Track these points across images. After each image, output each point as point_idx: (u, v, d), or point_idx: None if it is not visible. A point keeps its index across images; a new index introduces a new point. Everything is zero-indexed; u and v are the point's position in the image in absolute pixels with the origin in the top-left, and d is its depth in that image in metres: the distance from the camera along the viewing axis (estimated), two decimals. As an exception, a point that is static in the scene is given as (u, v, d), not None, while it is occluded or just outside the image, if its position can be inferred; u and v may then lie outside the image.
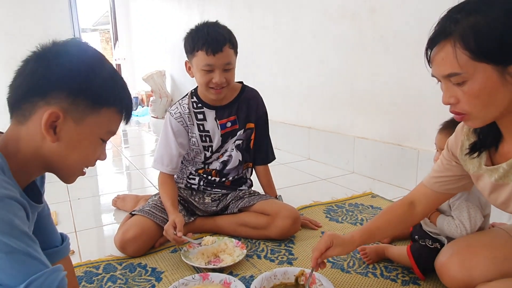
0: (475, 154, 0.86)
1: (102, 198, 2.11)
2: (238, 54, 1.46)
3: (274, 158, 1.67)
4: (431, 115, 1.87)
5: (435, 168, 1.01)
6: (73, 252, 1.41)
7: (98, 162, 0.79)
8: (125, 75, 8.09)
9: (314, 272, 1.08)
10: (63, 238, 0.89)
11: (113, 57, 8.03)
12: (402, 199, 1.07)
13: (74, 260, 1.34)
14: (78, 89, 0.69)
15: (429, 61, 0.78)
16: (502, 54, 0.69)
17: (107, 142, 0.79)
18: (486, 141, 0.84)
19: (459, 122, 1.09)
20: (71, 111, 0.68)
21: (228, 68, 1.40)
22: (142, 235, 1.35)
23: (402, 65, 1.99)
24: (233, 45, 1.41)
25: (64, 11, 3.31)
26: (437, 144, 1.22)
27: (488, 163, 0.84)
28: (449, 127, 1.17)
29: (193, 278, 1.12)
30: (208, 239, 1.34)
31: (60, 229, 1.64)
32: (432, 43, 0.76)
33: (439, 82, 0.79)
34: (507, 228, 1.02)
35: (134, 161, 3.04)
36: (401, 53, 1.99)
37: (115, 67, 0.80)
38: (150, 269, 1.26)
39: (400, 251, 1.21)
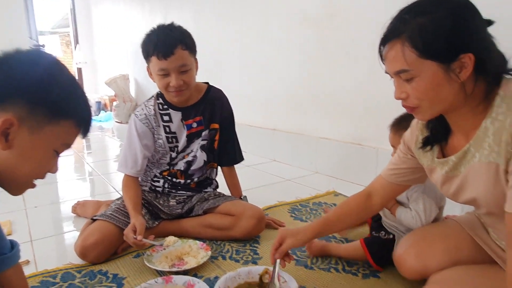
0: (428, 148, 0.91)
1: (62, 205, 2.03)
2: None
3: (242, 159, 1.67)
4: (388, 116, 1.93)
5: (392, 161, 1.05)
6: (28, 262, 1.34)
7: (59, 168, 0.77)
8: (87, 79, 7.85)
9: (278, 270, 1.10)
10: (13, 245, 0.84)
11: (74, 60, 7.77)
12: (360, 192, 1.11)
13: (30, 270, 1.29)
14: (38, 98, 0.67)
15: (382, 59, 0.83)
16: (447, 52, 0.73)
17: (65, 151, 0.77)
18: (437, 135, 0.89)
19: (405, 120, 1.16)
20: (28, 120, 0.67)
21: (184, 70, 1.38)
22: (104, 241, 1.31)
23: (361, 68, 2.06)
24: (187, 45, 1.38)
25: (20, 14, 3.18)
26: (390, 143, 1.28)
27: (439, 156, 0.89)
28: (397, 125, 1.25)
29: (156, 282, 1.10)
30: (170, 239, 1.32)
31: (14, 238, 1.57)
32: (384, 41, 0.80)
33: (392, 79, 0.84)
34: (459, 219, 1.08)
35: (97, 167, 2.95)
36: (359, 57, 2.06)
37: (75, 75, 0.79)
38: (111, 276, 1.23)
39: (354, 245, 1.25)
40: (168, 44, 1.32)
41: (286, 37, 2.57)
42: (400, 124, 1.24)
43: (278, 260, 1.05)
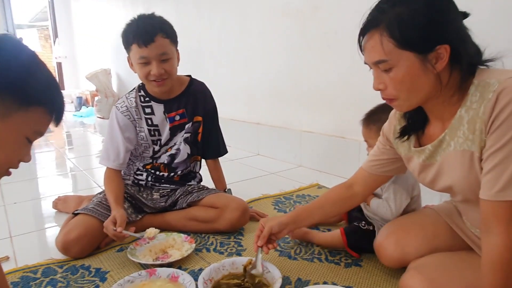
0: (405, 138, 0.92)
1: (42, 201, 1.99)
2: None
3: (226, 152, 1.68)
4: (369, 108, 1.97)
5: (372, 152, 1.07)
6: (8, 258, 1.32)
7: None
8: (67, 74, 7.68)
9: (261, 257, 1.11)
10: None
11: (53, 55, 7.59)
12: (342, 183, 1.13)
13: (9, 266, 1.27)
14: (5, 84, 0.65)
15: (361, 49, 0.84)
16: (424, 43, 0.74)
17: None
18: (414, 125, 0.91)
19: (375, 114, 1.18)
20: None
21: (165, 59, 1.37)
22: (87, 235, 1.30)
23: (343, 61, 2.09)
24: (168, 34, 1.37)
25: (-5, 4, 3.07)
26: (363, 137, 1.30)
27: (416, 145, 0.91)
28: (368, 119, 1.28)
29: (139, 275, 1.09)
30: (151, 230, 1.31)
31: None
32: (363, 31, 0.81)
33: (371, 70, 0.85)
34: (436, 207, 1.11)
35: (79, 163, 2.90)
36: (342, 50, 2.08)
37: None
38: (94, 270, 1.21)
39: (333, 234, 1.28)
40: (148, 32, 1.32)
41: (268, 30, 2.57)
42: (371, 118, 1.26)
43: (260, 248, 1.07)
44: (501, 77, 0.72)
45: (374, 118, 1.25)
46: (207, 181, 1.68)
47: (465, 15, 0.78)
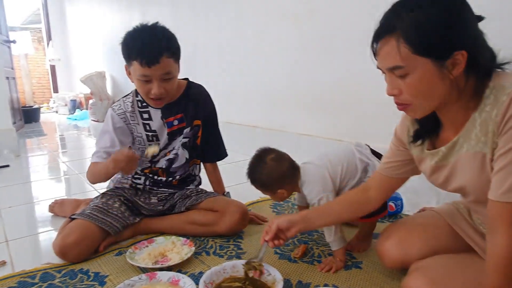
0: (419, 142, 0.92)
1: (37, 205, 1.97)
2: (181, 54, 1.40)
3: (226, 155, 1.66)
4: (367, 111, 1.99)
5: (386, 155, 1.06)
6: (5, 262, 1.30)
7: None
8: (61, 76, 7.62)
9: (264, 252, 1.10)
10: None
11: (47, 57, 7.53)
12: (358, 187, 1.12)
13: (6, 271, 1.25)
14: None
15: (374, 54, 0.82)
16: (441, 50, 0.74)
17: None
18: (427, 129, 0.90)
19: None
20: None
21: (167, 78, 1.32)
22: (84, 240, 1.28)
23: (340, 64, 2.10)
24: (173, 53, 1.31)
25: (-11, 7, 3.05)
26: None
27: (429, 148, 0.91)
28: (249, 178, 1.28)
29: (140, 279, 1.08)
30: (151, 148, 1.33)
31: None
32: (377, 37, 0.79)
33: (384, 74, 0.84)
34: (438, 209, 1.12)
35: (73, 166, 2.87)
36: (339, 53, 2.09)
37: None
38: (92, 274, 1.20)
39: None
40: (153, 52, 1.25)
41: (264, 33, 2.58)
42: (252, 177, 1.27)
43: (266, 243, 1.07)
44: None
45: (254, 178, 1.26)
46: (206, 184, 1.67)
47: (480, 18, 0.77)
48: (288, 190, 1.26)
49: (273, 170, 1.23)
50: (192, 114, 1.52)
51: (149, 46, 1.26)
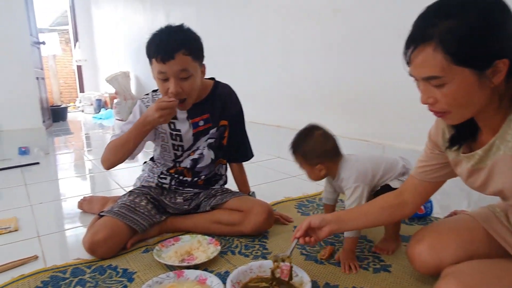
0: (455, 147, 0.89)
1: (65, 201, 2.02)
2: (206, 54, 1.38)
3: (252, 155, 1.65)
4: (393, 111, 1.94)
5: (420, 158, 1.03)
6: (37, 257, 1.34)
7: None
8: (87, 77, 7.82)
9: (291, 264, 1.09)
10: None
11: (74, 58, 7.74)
12: (393, 191, 1.09)
13: (38, 265, 1.29)
14: None
15: (407, 62, 0.79)
16: (481, 59, 0.70)
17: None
18: (464, 134, 0.87)
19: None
20: None
21: (184, 76, 1.30)
22: (113, 237, 1.31)
23: (365, 64, 2.06)
24: (191, 51, 1.30)
25: (20, 10, 3.15)
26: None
27: (465, 151, 0.88)
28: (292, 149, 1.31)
29: (168, 276, 1.09)
30: None
31: (22, 234, 1.58)
32: (411, 45, 0.76)
33: (416, 82, 0.80)
34: (472, 213, 1.08)
35: (98, 164, 2.94)
36: (364, 52, 2.06)
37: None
38: (121, 271, 1.22)
39: None
40: (169, 48, 1.26)
41: (288, 32, 2.56)
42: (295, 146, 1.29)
43: (296, 239, 1.05)
44: None
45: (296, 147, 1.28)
46: (231, 184, 1.67)
47: None
48: (326, 168, 1.27)
49: (319, 144, 1.25)
50: (219, 114, 1.51)
51: (165, 43, 1.28)
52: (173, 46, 1.26)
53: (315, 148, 1.25)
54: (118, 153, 1.40)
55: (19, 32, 3.16)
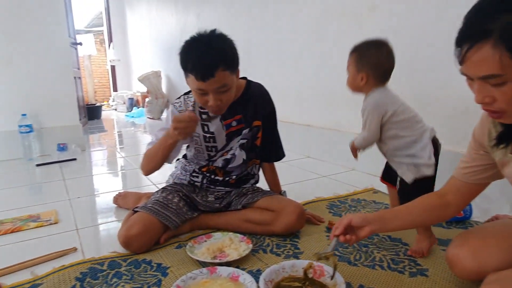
0: (502, 145, 0.84)
1: (101, 196, 2.09)
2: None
3: (284, 155, 1.64)
4: (430, 111, 1.88)
5: (463, 159, 0.99)
6: (76, 249, 1.39)
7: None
8: (120, 76, 8.06)
9: (323, 265, 1.08)
10: None
11: (108, 58, 7.99)
12: (434, 192, 1.05)
13: (77, 257, 1.33)
14: None
15: (460, 61, 0.74)
16: None
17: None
18: None
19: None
20: None
21: (223, 90, 1.30)
22: (147, 232, 1.33)
23: (402, 62, 1.99)
24: (229, 65, 1.27)
25: (60, 11, 3.29)
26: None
27: None
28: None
29: (201, 272, 1.10)
30: None
31: (61, 227, 1.65)
32: (466, 42, 0.71)
33: (468, 80, 0.77)
34: (515, 218, 1.03)
35: (131, 161, 3.02)
36: (401, 50, 1.99)
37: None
38: (155, 265, 1.25)
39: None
40: (208, 66, 1.22)
41: (321, 30, 2.53)
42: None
43: (336, 238, 1.01)
44: None
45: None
46: (262, 183, 1.66)
47: None
48: (366, 82, 1.31)
49: (379, 56, 1.29)
50: (252, 115, 1.50)
51: (204, 60, 1.23)
52: (212, 64, 1.22)
53: (373, 57, 1.28)
54: (151, 162, 1.46)
55: (59, 33, 3.29)
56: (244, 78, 1.55)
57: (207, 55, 1.23)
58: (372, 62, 1.27)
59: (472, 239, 1.00)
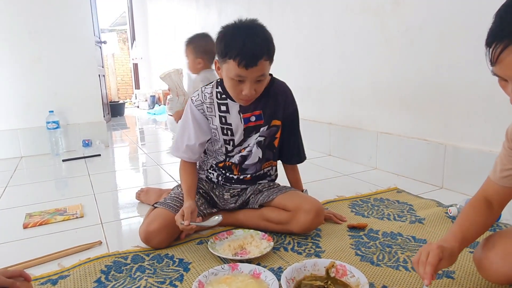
0: None
1: (123, 192, 2.12)
2: None
3: (305, 158, 1.61)
4: (456, 109, 1.82)
5: (498, 161, 0.95)
6: (101, 242, 1.42)
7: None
8: (142, 74, 8.18)
9: (345, 264, 1.07)
10: None
11: (130, 56, 8.13)
12: (478, 198, 0.99)
13: (102, 250, 1.36)
14: None
15: (492, 61, 0.71)
16: None
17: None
18: None
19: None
20: None
21: (260, 80, 1.29)
22: (166, 227, 1.34)
23: (427, 59, 1.95)
24: (270, 55, 1.29)
25: (86, 11, 3.37)
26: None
27: None
28: None
29: (222, 268, 1.11)
30: (214, 218, 1.34)
31: (86, 221, 1.69)
32: (499, 42, 0.68)
33: (501, 81, 0.74)
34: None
35: (152, 157, 3.07)
36: (426, 46, 1.95)
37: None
38: (177, 260, 1.26)
39: None
40: (254, 55, 1.22)
41: (343, 27, 2.50)
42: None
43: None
44: None
45: None
46: (283, 180, 1.64)
47: None
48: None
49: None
50: (271, 112, 1.47)
51: (250, 49, 1.21)
52: (258, 53, 1.22)
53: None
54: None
55: (85, 32, 3.37)
56: (270, 74, 1.51)
57: (254, 43, 1.23)
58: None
59: (502, 241, 0.96)
